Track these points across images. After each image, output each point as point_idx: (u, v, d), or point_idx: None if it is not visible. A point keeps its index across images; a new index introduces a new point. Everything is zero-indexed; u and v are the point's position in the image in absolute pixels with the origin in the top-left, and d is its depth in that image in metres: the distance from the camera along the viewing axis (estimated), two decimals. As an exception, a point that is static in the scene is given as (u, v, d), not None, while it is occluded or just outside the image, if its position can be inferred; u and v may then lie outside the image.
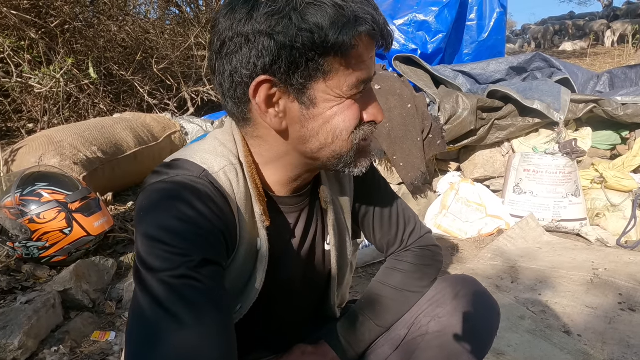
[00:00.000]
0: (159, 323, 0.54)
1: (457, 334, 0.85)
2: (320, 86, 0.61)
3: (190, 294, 0.56)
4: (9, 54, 3.38)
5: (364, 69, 0.63)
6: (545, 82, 2.83)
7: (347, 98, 0.63)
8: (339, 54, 0.59)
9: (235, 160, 0.69)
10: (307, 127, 0.64)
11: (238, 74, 0.61)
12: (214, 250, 0.61)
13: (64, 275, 1.58)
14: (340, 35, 0.58)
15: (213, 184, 0.65)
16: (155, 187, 0.63)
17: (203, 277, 0.57)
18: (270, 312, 0.84)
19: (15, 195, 1.63)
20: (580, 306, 1.70)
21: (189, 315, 0.54)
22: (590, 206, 2.58)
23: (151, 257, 0.57)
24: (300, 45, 0.57)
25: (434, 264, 0.95)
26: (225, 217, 0.65)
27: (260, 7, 0.58)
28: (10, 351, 1.27)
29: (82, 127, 2.49)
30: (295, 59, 0.58)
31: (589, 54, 10.35)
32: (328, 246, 0.86)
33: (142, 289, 0.57)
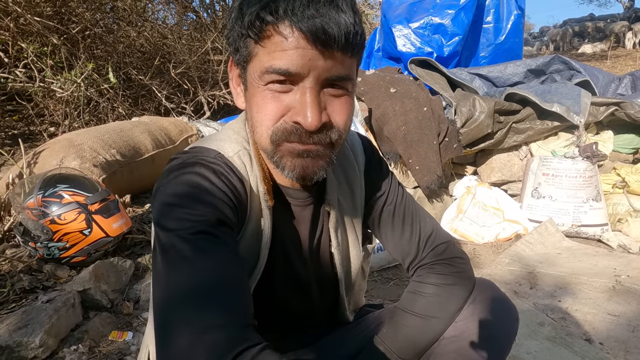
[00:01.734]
0: (181, 274, 0.57)
1: (473, 340, 0.83)
2: (249, 70, 0.65)
3: (208, 245, 0.59)
4: (32, 60, 3.47)
5: (282, 58, 0.59)
6: (565, 84, 2.78)
7: (263, 86, 0.63)
8: (253, 35, 0.61)
9: (249, 146, 0.73)
10: (248, 110, 0.69)
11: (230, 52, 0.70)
12: (227, 216, 0.64)
13: (84, 276, 1.61)
14: (251, 17, 0.60)
15: (227, 164, 0.69)
16: (171, 166, 0.68)
17: (220, 233, 0.61)
18: (281, 310, 0.84)
19: (38, 197, 1.67)
20: (601, 313, 1.66)
21: (208, 261, 0.58)
22: (612, 211, 2.52)
23: (170, 219, 0.61)
24: (231, 25, 0.64)
25: (462, 282, 0.85)
26: (237, 192, 0.68)
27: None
28: (32, 349, 1.30)
29: (102, 131, 2.53)
30: (234, 39, 0.65)
31: (610, 56, 10.14)
32: (333, 248, 0.85)
33: (162, 249, 0.60)
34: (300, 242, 0.81)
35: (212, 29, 5.03)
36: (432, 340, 0.85)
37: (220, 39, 4.81)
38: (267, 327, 0.83)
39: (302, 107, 0.62)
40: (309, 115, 0.62)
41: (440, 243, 0.89)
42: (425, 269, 0.88)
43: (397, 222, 0.88)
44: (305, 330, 0.93)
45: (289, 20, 0.58)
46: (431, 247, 0.88)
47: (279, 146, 0.66)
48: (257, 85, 0.64)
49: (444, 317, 0.84)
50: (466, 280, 0.87)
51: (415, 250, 0.88)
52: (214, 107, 4.58)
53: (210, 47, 4.66)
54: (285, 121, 0.64)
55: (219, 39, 4.81)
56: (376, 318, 0.98)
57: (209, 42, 4.62)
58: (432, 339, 0.85)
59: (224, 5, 5.76)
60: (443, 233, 0.91)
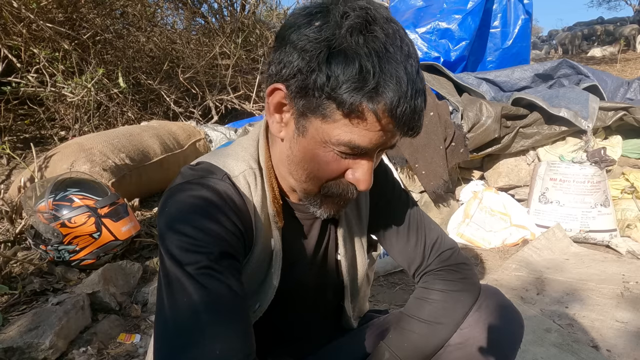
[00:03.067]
0: (181, 309, 0.59)
1: (479, 346, 0.83)
2: (316, 123, 0.62)
3: (209, 282, 0.60)
4: (44, 65, 3.54)
5: (363, 135, 0.60)
6: (573, 89, 2.77)
7: (332, 150, 0.63)
8: (342, 108, 0.59)
9: (255, 165, 0.73)
10: (293, 151, 0.67)
11: (271, 67, 0.65)
12: (233, 247, 0.65)
13: (93, 278, 1.63)
14: (348, 96, 0.57)
15: (234, 185, 0.69)
16: (181, 187, 0.68)
17: (222, 268, 0.62)
18: (288, 318, 0.85)
19: (49, 200, 1.70)
20: (609, 320, 1.64)
21: (207, 303, 0.59)
22: (621, 217, 2.50)
23: (175, 248, 0.62)
24: (313, 81, 0.59)
25: (467, 288, 0.86)
26: (243, 217, 0.69)
27: (309, 27, 0.60)
28: (42, 350, 1.32)
29: (111, 135, 2.57)
30: (306, 87, 0.60)
31: (619, 59, 10.05)
32: (340, 256, 0.87)
33: (166, 278, 0.62)
34: (308, 254, 0.83)
35: (220, 34, 5.08)
36: (438, 346, 0.86)
37: (229, 44, 4.85)
38: (272, 334, 0.85)
39: (364, 176, 0.66)
40: (368, 183, 0.66)
41: (445, 249, 0.89)
42: (431, 276, 0.89)
43: (402, 229, 0.89)
44: (310, 336, 0.93)
45: (393, 119, 0.60)
46: (437, 254, 0.89)
47: (325, 196, 0.70)
48: (321, 144, 0.63)
49: (450, 323, 0.85)
50: (472, 286, 0.87)
51: (421, 256, 0.89)
52: (222, 111, 4.61)
53: (219, 52, 4.70)
54: (341, 180, 0.68)
55: (227, 43, 4.85)
56: (381, 324, 0.99)
57: (217, 47, 4.67)
58: (437, 345, 0.86)
59: (232, 11, 5.82)
60: (448, 240, 0.92)
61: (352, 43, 0.57)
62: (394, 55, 0.58)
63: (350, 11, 0.58)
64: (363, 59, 0.57)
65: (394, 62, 0.58)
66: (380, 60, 0.57)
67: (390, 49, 0.58)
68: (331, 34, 0.58)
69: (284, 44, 0.62)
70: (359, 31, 0.58)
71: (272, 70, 0.64)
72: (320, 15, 0.60)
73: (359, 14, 0.58)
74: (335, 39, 0.57)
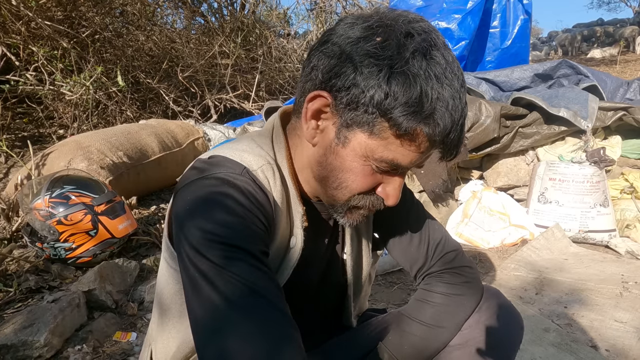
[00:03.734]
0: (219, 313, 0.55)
1: (479, 348, 0.83)
2: (360, 137, 0.62)
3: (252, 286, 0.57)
4: (43, 63, 3.53)
5: (406, 155, 0.62)
6: (572, 89, 2.76)
7: (371, 165, 0.64)
8: (395, 128, 0.59)
9: (272, 161, 0.71)
10: (328, 158, 0.66)
11: (315, 72, 0.63)
12: (262, 241, 0.63)
13: (89, 276, 1.62)
14: (405, 119, 0.58)
15: (254, 180, 0.66)
16: (200, 183, 0.64)
17: (262, 268, 0.59)
18: (295, 314, 0.84)
19: (45, 198, 1.69)
20: (608, 320, 1.64)
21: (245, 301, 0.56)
22: (620, 217, 2.49)
23: (208, 249, 0.58)
24: (369, 97, 0.58)
25: (470, 292, 0.85)
26: (266, 213, 0.66)
27: (369, 41, 0.59)
28: (36, 348, 1.31)
29: (109, 133, 2.56)
30: (357, 101, 0.60)
31: (619, 61, 10.06)
32: (345, 255, 0.86)
33: (198, 279, 0.57)
34: (317, 252, 0.82)
35: (220, 33, 5.08)
36: (438, 349, 0.85)
37: (228, 43, 4.84)
38: None
39: (394, 191, 0.68)
40: (397, 198, 0.68)
41: (449, 251, 0.88)
42: (433, 278, 0.88)
43: (405, 229, 0.88)
44: (310, 333, 0.93)
45: (443, 144, 0.61)
46: (440, 255, 0.88)
47: (353, 207, 0.70)
48: (361, 158, 0.63)
49: (451, 327, 0.84)
50: (475, 290, 0.87)
51: (424, 257, 0.88)
52: (221, 110, 4.61)
53: (218, 51, 4.69)
54: (371, 193, 0.68)
55: (226, 42, 4.85)
56: (380, 322, 0.98)
57: (216, 46, 4.66)
58: (437, 348, 0.85)
59: (232, 10, 5.81)
60: (452, 241, 0.91)
61: (414, 65, 0.57)
62: (452, 82, 0.59)
63: (415, 33, 0.59)
64: (425, 83, 0.57)
65: (451, 88, 0.59)
66: (440, 86, 0.58)
67: (449, 76, 0.59)
68: (394, 54, 0.57)
69: (336, 53, 0.61)
70: (423, 55, 0.58)
71: (317, 76, 0.63)
72: (381, 30, 0.59)
73: (424, 37, 0.59)
74: (398, 60, 0.57)
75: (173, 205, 0.67)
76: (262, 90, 5.02)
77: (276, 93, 5.29)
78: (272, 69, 5.12)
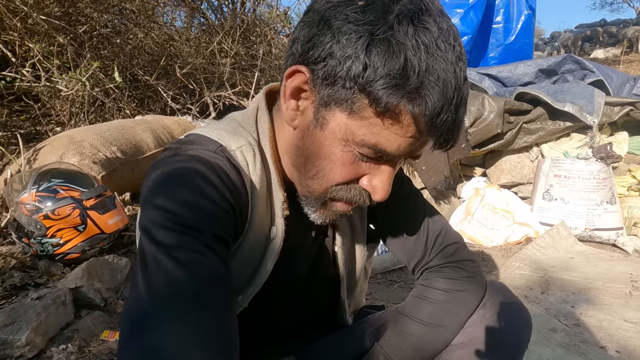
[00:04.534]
0: (159, 301, 0.47)
1: (483, 347, 0.76)
2: (339, 117, 0.54)
3: (195, 271, 0.49)
4: (39, 59, 3.48)
5: (391, 140, 0.53)
6: (577, 84, 2.70)
7: (353, 151, 0.55)
8: (374, 105, 0.50)
9: (254, 142, 0.64)
10: (305, 143, 0.59)
11: (296, 46, 0.56)
12: (225, 229, 0.56)
13: (76, 273, 1.56)
14: (385, 93, 0.49)
15: (229, 160, 0.59)
16: (169, 160, 0.57)
17: (211, 254, 0.51)
18: (279, 310, 0.78)
19: (32, 191, 1.63)
20: (618, 320, 1.57)
21: (189, 294, 0.47)
22: (627, 215, 2.42)
23: (160, 230, 0.51)
24: (346, 69, 0.50)
25: (473, 288, 0.79)
26: (239, 195, 0.59)
27: (349, 5, 0.51)
28: (17, 347, 1.25)
29: (103, 128, 2.51)
30: (335, 74, 0.52)
31: (622, 61, 9.98)
32: (337, 247, 0.79)
33: (144, 262, 0.50)
34: (304, 244, 0.76)
35: (219, 31, 5.03)
36: (439, 350, 0.79)
37: (227, 41, 4.79)
38: (263, 329, 0.77)
39: (382, 184, 0.58)
40: (385, 193, 0.59)
41: (449, 244, 0.81)
42: (433, 272, 0.81)
43: (402, 219, 0.80)
44: (303, 331, 0.87)
45: (431, 127, 0.52)
46: (440, 248, 0.80)
47: (330, 200, 0.61)
48: (341, 142, 0.55)
49: (453, 326, 0.78)
50: (477, 286, 0.79)
51: (422, 250, 0.80)
52: (220, 107, 4.56)
53: (217, 49, 4.64)
54: (354, 185, 0.59)
55: (225, 39, 4.80)
56: (376, 320, 0.91)
57: (215, 43, 4.61)
58: (438, 349, 0.79)
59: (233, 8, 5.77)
60: (453, 233, 0.83)
61: (399, 32, 0.49)
62: (445, 54, 0.50)
63: None
64: (410, 52, 0.48)
65: (444, 61, 0.49)
66: (429, 57, 0.49)
67: (442, 46, 0.50)
68: (376, 18, 0.49)
69: (315, 21, 0.53)
70: (410, 20, 0.49)
71: (297, 49, 0.55)
72: None
73: (412, 0, 0.50)
74: (381, 25, 0.49)
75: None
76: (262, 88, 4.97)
77: (276, 91, 5.23)
78: (272, 67, 5.07)
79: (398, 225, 0.81)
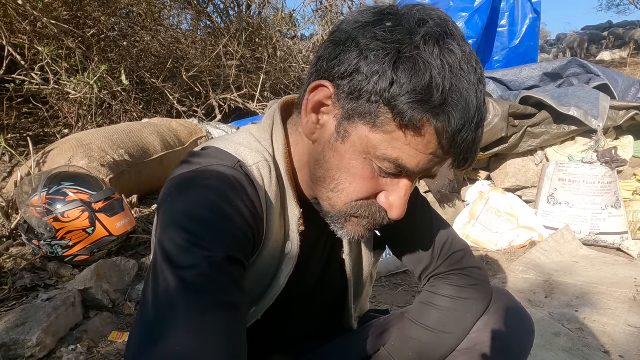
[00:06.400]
0: (163, 323, 0.48)
1: (487, 352, 0.78)
2: (362, 130, 0.55)
3: (202, 294, 0.50)
4: (48, 62, 3.52)
5: (412, 155, 0.54)
6: (582, 88, 2.70)
7: (373, 165, 0.57)
8: (399, 118, 0.52)
9: (270, 158, 0.65)
10: (326, 156, 0.60)
11: (321, 63, 0.58)
12: (241, 248, 0.56)
13: (85, 274, 1.59)
14: (410, 107, 0.51)
15: (248, 175, 0.61)
16: (186, 175, 0.58)
17: (222, 277, 0.52)
18: (287, 319, 0.80)
19: (42, 194, 1.66)
20: (622, 325, 1.57)
21: (195, 318, 0.48)
22: (632, 219, 2.42)
23: (173, 245, 0.52)
24: (373, 84, 0.53)
25: (479, 296, 0.80)
26: (256, 213, 0.60)
27: (378, 25, 0.54)
28: (28, 348, 1.27)
29: (111, 131, 2.54)
30: (360, 89, 0.54)
31: (629, 63, 9.93)
32: (344, 255, 0.81)
33: (153, 279, 0.51)
34: (315, 254, 0.78)
35: (225, 34, 5.06)
36: (444, 356, 0.80)
37: (233, 44, 4.83)
38: (269, 334, 0.79)
39: (399, 201, 0.59)
40: (401, 211, 0.60)
41: (456, 251, 0.83)
42: (440, 279, 0.83)
43: (409, 227, 0.81)
44: (309, 336, 0.88)
45: (452, 144, 0.54)
46: (446, 255, 0.82)
47: (353, 216, 0.63)
48: (361, 155, 0.57)
49: (458, 333, 0.79)
50: (484, 294, 0.81)
51: (429, 257, 0.82)
52: (225, 110, 4.59)
53: (223, 52, 4.68)
54: (372, 202, 0.61)
55: (231, 42, 4.84)
56: (381, 325, 0.93)
57: (221, 46, 4.65)
58: (443, 355, 0.80)
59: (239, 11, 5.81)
60: (459, 240, 0.85)
61: (425, 51, 0.51)
62: (468, 76, 0.53)
63: (428, 19, 0.54)
64: (435, 70, 0.51)
65: (467, 82, 0.52)
66: (453, 76, 0.52)
67: (465, 68, 0.52)
68: (403, 38, 0.52)
69: (342, 39, 0.56)
70: (436, 41, 0.52)
71: (322, 66, 0.58)
72: (392, 17, 0.55)
73: (438, 22, 0.53)
74: (408, 44, 0.52)
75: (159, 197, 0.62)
76: (267, 91, 5.00)
77: (281, 93, 5.26)
78: (277, 70, 5.10)
79: (405, 232, 0.82)
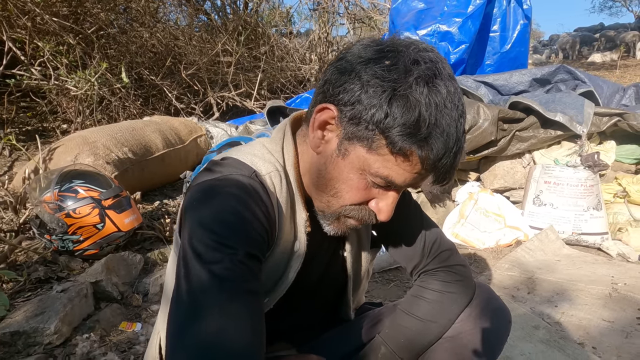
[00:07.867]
0: (198, 307, 0.58)
1: (468, 340, 0.89)
2: (359, 151, 0.66)
3: (229, 283, 0.60)
4: (48, 58, 3.57)
5: (400, 174, 0.66)
6: (569, 94, 2.82)
7: (367, 179, 0.68)
8: (391, 146, 0.63)
9: (280, 168, 0.76)
10: (327, 167, 0.71)
11: (327, 86, 0.68)
12: (258, 246, 0.67)
13: (96, 268, 1.68)
14: (401, 139, 0.62)
15: (262, 184, 0.71)
16: (210, 182, 0.69)
17: (244, 270, 0.62)
18: (293, 309, 0.89)
19: (54, 191, 1.74)
20: (596, 319, 1.70)
21: (225, 302, 0.59)
22: (612, 220, 2.55)
23: (202, 245, 0.62)
24: (371, 115, 0.63)
25: (463, 290, 0.92)
26: (269, 216, 0.71)
27: (378, 63, 0.64)
28: (47, 335, 1.36)
29: (115, 129, 2.61)
30: (360, 117, 0.64)
31: (619, 65, 10.12)
32: (346, 253, 0.92)
33: (186, 273, 0.61)
34: (320, 252, 0.87)
35: (223, 32, 5.12)
36: (431, 342, 0.91)
37: (231, 42, 4.89)
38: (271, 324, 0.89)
39: (387, 207, 0.71)
40: (389, 215, 0.72)
41: (444, 250, 0.94)
42: (429, 275, 0.94)
43: (403, 228, 0.93)
44: (309, 327, 0.98)
45: (434, 168, 0.65)
46: (435, 254, 0.93)
47: (344, 216, 0.74)
48: (358, 170, 0.68)
49: (444, 323, 0.90)
50: (467, 288, 0.92)
51: (420, 256, 0.93)
52: (223, 108, 4.66)
53: (221, 49, 4.74)
54: (364, 206, 0.72)
55: (229, 41, 4.89)
56: (376, 315, 1.04)
57: (219, 44, 4.71)
58: (430, 342, 0.91)
59: (235, 8, 5.85)
60: (446, 240, 0.96)
61: (416, 91, 0.61)
62: (451, 112, 0.63)
63: (421, 61, 0.63)
64: (423, 108, 0.61)
65: (449, 117, 0.63)
66: (438, 113, 0.62)
67: (449, 105, 0.63)
68: (398, 77, 0.62)
69: (347, 70, 0.66)
70: (426, 82, 0.62)
71: (328, 89, 0.68)
72: (391, 55, 0.64)
73: (429, 66, 0.63)
74: (402, 83, 0.62)
75: (184, 201, 0.72)
76: (264, 89, 5.07)
77: (278, 92, 5.33)
78: (274, 68, 5.17)
79: (398, 233, 0.94)
